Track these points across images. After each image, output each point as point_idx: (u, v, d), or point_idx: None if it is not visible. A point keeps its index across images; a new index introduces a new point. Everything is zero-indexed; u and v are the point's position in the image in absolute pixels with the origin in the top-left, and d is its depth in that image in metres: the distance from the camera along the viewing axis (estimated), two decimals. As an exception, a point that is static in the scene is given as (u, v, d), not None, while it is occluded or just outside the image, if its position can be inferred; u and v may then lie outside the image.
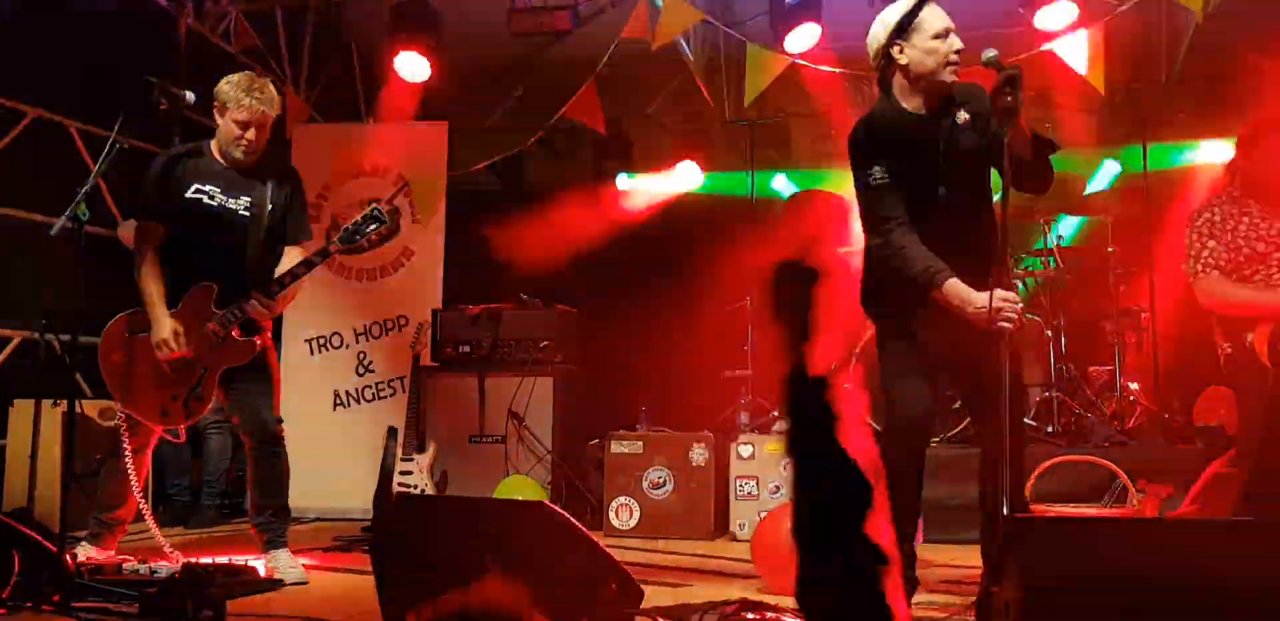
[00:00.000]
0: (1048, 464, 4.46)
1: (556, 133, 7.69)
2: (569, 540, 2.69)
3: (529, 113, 7.67)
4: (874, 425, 3.89)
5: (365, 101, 7.37)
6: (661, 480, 5.07)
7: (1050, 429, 5.18)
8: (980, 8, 5.93)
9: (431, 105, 7.69)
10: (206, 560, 3.53)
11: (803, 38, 5.78)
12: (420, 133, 6.66)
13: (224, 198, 3.82)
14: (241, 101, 3.74)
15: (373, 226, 3.82)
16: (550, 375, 5.71)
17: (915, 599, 3.24)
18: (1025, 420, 5.05)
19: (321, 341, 6.27)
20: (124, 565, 3.44)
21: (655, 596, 3.12)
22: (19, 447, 4.59)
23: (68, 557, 3.19)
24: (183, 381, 3.73)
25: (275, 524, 3.83)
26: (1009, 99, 2.82)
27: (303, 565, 3.78)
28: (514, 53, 6.91)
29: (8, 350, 5.06)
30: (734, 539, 4.87)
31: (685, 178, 7.48)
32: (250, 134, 3.78)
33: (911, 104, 3.16)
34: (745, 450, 5.01)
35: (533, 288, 6.08)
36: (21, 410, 4.77)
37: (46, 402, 4.48)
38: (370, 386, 6.19)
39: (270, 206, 3.86)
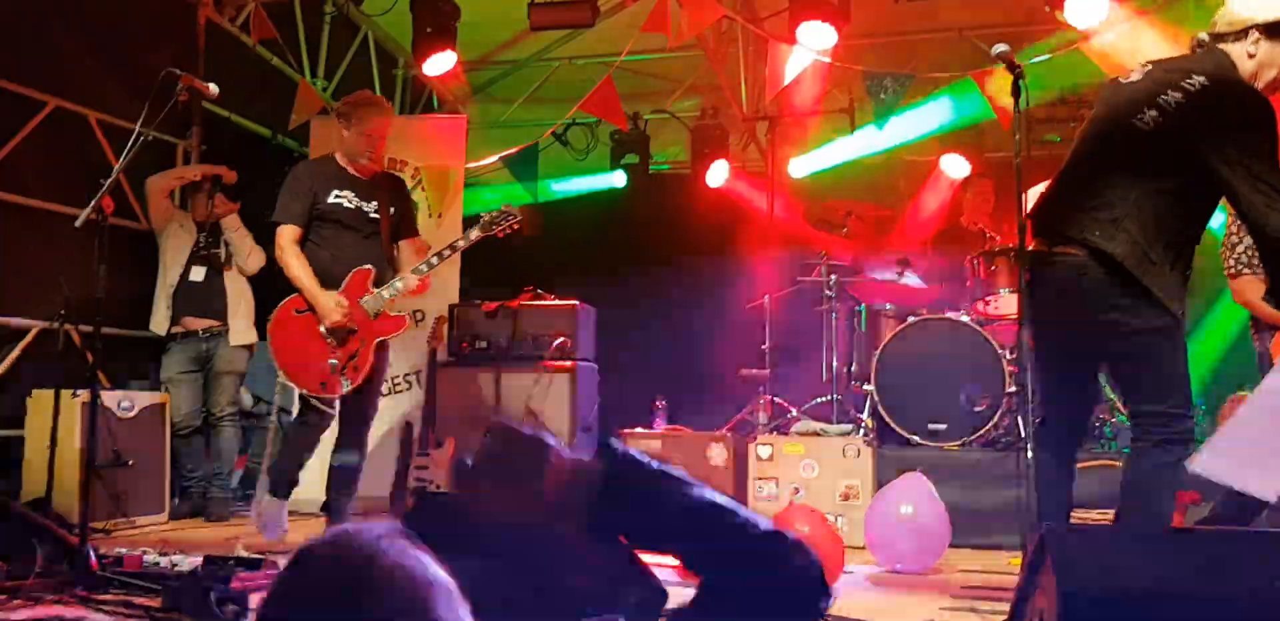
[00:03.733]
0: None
1: (573, 127, 7.68)
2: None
3: (546, 107, 7.68)
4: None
5: (382, 93, 7.37)
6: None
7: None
8: (1013, 5, 5.92)
9: (447, 98, 7.72)
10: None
11: (824, 35, 5.73)
12: (438, 125, 6.64)
13: (359, 202, 4.35)
14: (371, 114, 4.31)
15: (506, 221, 4.38)
16: (566, 371, 5.69)
17: (944, 604, 3.21)
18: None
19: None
20: (145, 557, 3.43)
21: (676, 597, 3.09)
22: (38, 438, 4.57)
23: (89, 550, 3.18)
24: (343, 352, 4.18)
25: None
26: None
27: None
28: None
29: (26, 340, 5.04)
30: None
31: (715, 175, 7.47)
32: (377, 142, 4.35)
33: None
34: (764, 451, 4.97)
35: (550, 283, 6.06)
36: (40, 400, 4.75)
37: (65, 393, 4.46)
38: (385, 381, 6.15)
39: (391, 208, 4.42)
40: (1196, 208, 2.99)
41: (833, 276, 5.91)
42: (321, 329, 4.18)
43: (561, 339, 5.76)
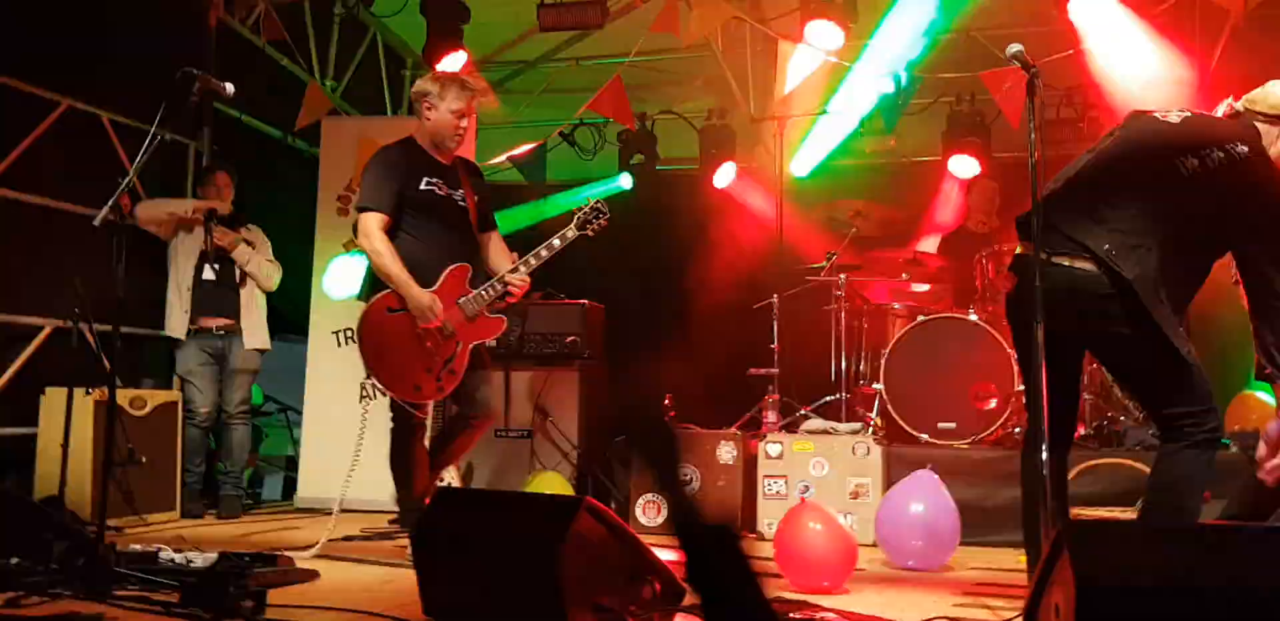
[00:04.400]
0: (1081, 467, 4.45)
1: (580, 127, 7.69)
2: (614, 537, 2.68)
3: (554, 106, 7.69)
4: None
5: (391, 93, 7.39)
6: (689, 478, 5.06)
7: (1083, 432, 5.15)
8: (1019, 6, 5.93)
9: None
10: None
11: (832, 35, 5.75)
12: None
13: (448, 189, 4.06)
14: (459, 92, 4.01)
15: (598, 219, 4.12)
16: (576, 370, 5.70)
17: (956, 600, 3.23)
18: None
19: (348, 333, 6.26)
20: (160, 554, 3.45)
21: (691, 594, 3.11)
22: (51, 436, 4.59)
23: (104, 546, 3.20)
24: (439, 356, 3.92)
25: None
26: None
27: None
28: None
29: (40, 339, 5.07)
30: (762, 538, 4.85)
31: (723, 176, 7.48)
32: (464, 123, 4.04)
33: None
34: (774, 449, 5.00)
35: (559, 282, 6.07)
36: (53, 398, 4.78)
37: (79, 391, 4.48)
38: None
39: (476, 197, 4.15)
40: (1200, 269, 3.04)
41: (841, 276, 5.93)
42: (419, 330, 3.91)
43: (571, 337, 5.78)
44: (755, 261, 7.08)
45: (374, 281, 4.00)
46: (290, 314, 6.38)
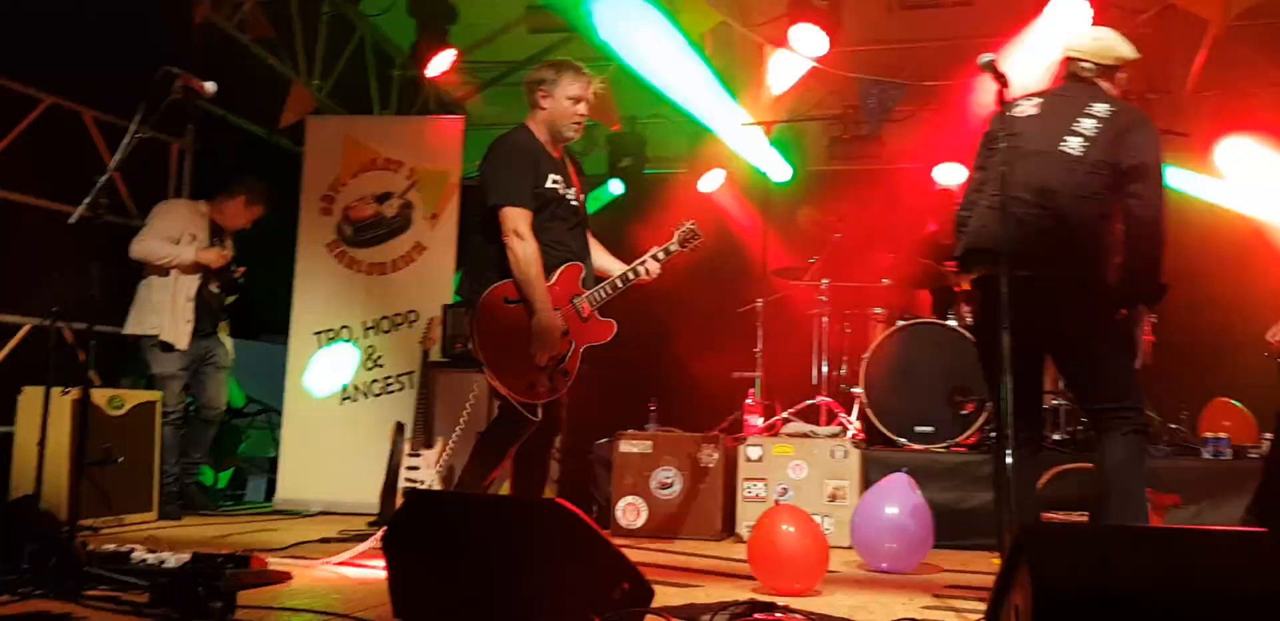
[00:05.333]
0: (1054, 471, 4.47)
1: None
2: (582, 538, 2.68)
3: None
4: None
5: (379, 92, 7.39)
6: (670, 480, 5.07)
7: (1057, 436, 5.18)
8: (995, 15, 5.96)
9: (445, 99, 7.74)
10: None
11: (817, 41, 5.77)
12: (435, 126, 6.66)
13: (565, 186, 3.84)
14: (576, 77, 3.79)
15: (694, 239, 4.06)
16: (559, 373, 5.68)
17: (926, 603, 3.24)
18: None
19: (330, 335, 6.27)
20: (132, 554, 3.45)
21: (665, 596, 3.12)
22: (27, 435, 4.58)
23: (77, 546, 3.19)
24: (553, 355, 3.70)
25: None
26: None
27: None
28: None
29: (17, 338, 5.06)
30: (741, 540, 4.87)
31: (710, 181, 7.50)
32: (583, 109, 3.82)
33: None
34: (754, 452, 5.01)
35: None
36: (30, 397, 4.76)
37: (56, 390, 4.47)
38: (379, 381, 6.19)
39: (584, 194, 3.96)
40: (1115, 229, 3.31)
41: (824, 281, 5.96)
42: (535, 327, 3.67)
43: (554, 340, 5.77)
44: (740, 266, 7.10)
45: (477, 281, 3.75)
46: (271, 314, 6.37)
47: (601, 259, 4.04)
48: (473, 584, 2.65)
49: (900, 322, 5.53)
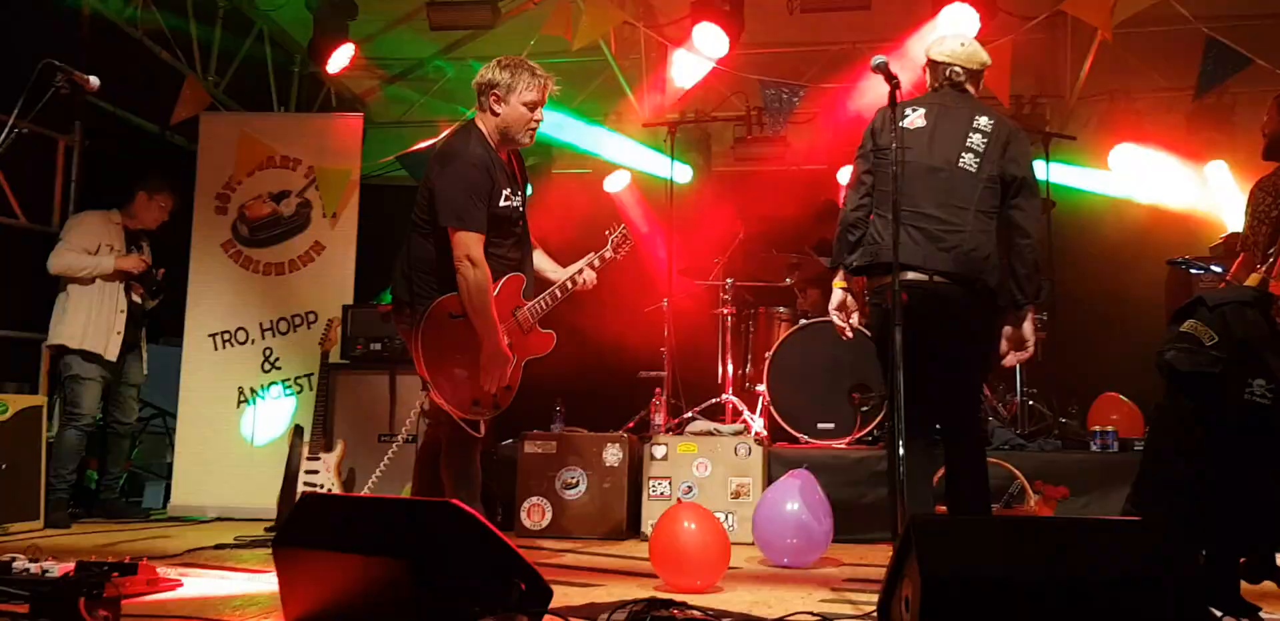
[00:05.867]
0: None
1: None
2: (478, 539, 2.66)
3: (449, 107, 7.62)
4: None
5: (278, 89, 7.23)
6: (575, 480, 5.06)
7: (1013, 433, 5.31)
8: (892, 19, 6.09)
9: (345, 96, 7.61)
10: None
11: (719, 42, 5.83)
12: (335, 123, 6.55)
13: (514, 194, 3.69)
14: (531, 80, 3.61)
15: (626, 243, 4.16)
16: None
17: (824, 596, 3.29)
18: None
19: (226, 337, 6.11)
20: (14, 564, 3.31)
21: (566, 596, 3.12)
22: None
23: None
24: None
25: None
26: None
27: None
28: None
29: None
30: (646, 539, 4.87)
31: (615, 181, 7.52)
32: (539, 115, 3.66)
33: None
34: (659, 451, 5.03)
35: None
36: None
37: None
38: (276, 383, 6.06)
39: (525, 192, 3.82)
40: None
41: (729, 280, 6.02)
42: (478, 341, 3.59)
43: (458, 341, 5.71)
44: (646, 265, 7.12)
45: (418, 285, 3.63)
46: (166, 316, 6.19)
47: (540, 261, 3.97)
48: (366, 588, 2.61)
49: (803, 321, 5.61)
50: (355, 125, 6.47)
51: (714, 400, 5.79)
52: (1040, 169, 6.15)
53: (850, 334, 3.70)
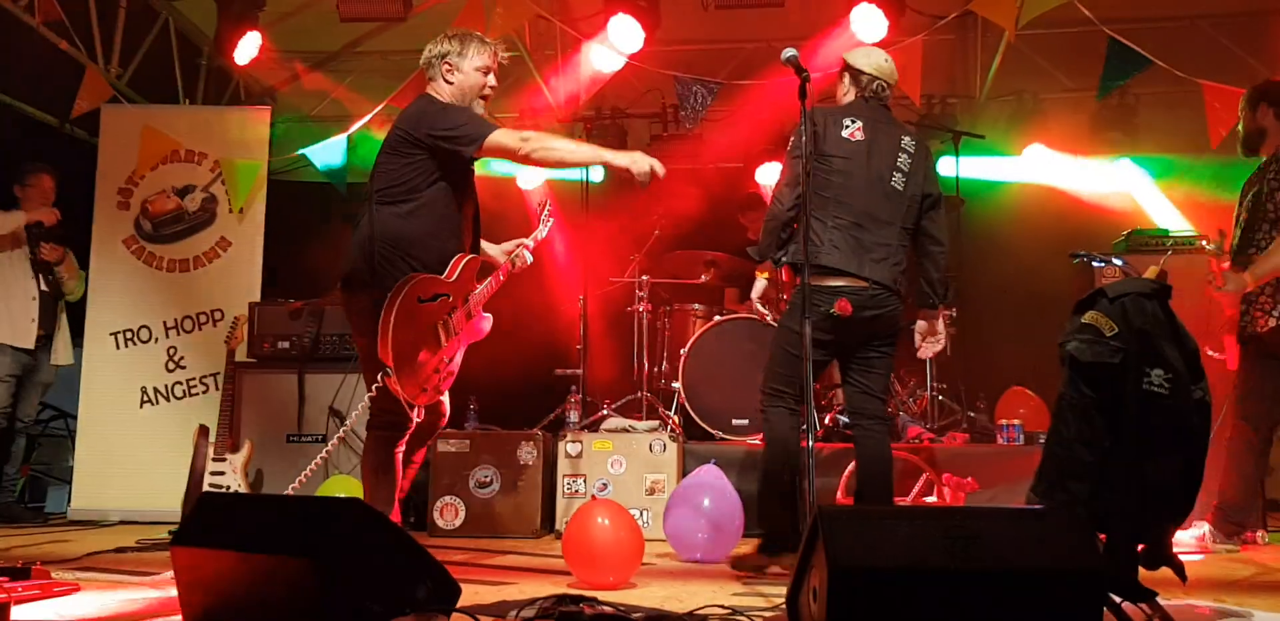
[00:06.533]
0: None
1: (384, 123, 7.51)
2: (382, 537, 2.61)
3: (361, 101, 7.49)
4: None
5: (184, 81, 7.03)
6: (489, 479, 5.01)
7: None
8: (805, 18, 6.15)
9: (255, 90, 7.44)
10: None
11: (634, 36, 5.82)
12: (241, 116, 6.39)
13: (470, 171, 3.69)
14: (481, 46, 3.63)
15: (549, 222, 4.18)
16: (374, 372, 5.53)
17: (735, 590, 3.30)
18: (844, 419, 5.25)
19: (129, 335, 5.93)
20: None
21: (477, 595, 3.08)
22: None
23: None
24: (445, 353, 3.53)
25: None
26: None
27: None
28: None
29: None
30: (560, 536, 4.84)
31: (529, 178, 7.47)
32: (492, 80, 3.67)
33: None
34: (573, 448, 5.00)
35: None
36: None
37: None
38: (181, 383, 5.89)
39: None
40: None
41: (643, 277, 6.02)
42: (439, 328, 3.51)
43: (369, 339, 5.62)
44: (561, 263, 7.10)
45: (384, 264, 3.48)
46: (66, 314, 5.99)
47: (484, 245, 3.98)
48: (268, 587, 2.54)
49: (717, 318, 5.64)
50: (262, 118, 6.33)
51: (629, 397, 5.78)
52: (949, 165, 6.29)
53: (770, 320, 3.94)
